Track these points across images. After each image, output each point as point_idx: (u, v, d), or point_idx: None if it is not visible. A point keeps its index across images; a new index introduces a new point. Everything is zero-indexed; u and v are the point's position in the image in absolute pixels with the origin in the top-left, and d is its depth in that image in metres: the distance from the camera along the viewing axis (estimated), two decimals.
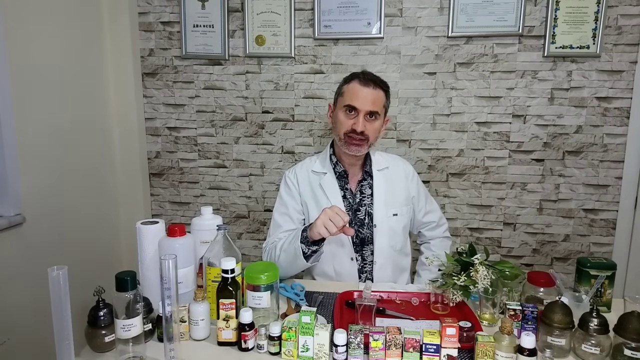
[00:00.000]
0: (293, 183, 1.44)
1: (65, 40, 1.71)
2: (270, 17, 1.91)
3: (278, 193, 1.47)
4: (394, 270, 1.44)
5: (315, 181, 1.42)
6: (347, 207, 1.40)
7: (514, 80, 1.84)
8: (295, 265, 1.26)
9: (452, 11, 1.80)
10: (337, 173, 1.42)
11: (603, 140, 1.83)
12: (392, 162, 1.49)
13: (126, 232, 2.06)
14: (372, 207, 1.41)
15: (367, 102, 1.31)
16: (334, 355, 0.89)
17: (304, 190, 1.43)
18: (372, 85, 1.32)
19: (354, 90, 1.32)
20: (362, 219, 1.41)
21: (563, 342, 0.92)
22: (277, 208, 1.45)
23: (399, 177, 1.47)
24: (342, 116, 1.34)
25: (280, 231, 1.40)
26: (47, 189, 1.62)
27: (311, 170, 1.44)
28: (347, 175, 1.43)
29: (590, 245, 1.91)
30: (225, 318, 0.95)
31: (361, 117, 1.31)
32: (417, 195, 1.49)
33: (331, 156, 1.44)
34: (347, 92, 1.34)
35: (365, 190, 1.42)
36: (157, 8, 1.98)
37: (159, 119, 2.06)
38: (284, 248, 1.28)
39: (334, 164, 1.43)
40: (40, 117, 1.58)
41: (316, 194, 1.41)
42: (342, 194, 1.41)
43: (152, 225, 1.07)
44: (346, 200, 1.41)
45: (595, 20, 1.75)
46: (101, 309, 0.92)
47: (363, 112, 1.31)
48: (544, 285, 1.09)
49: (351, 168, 1.43)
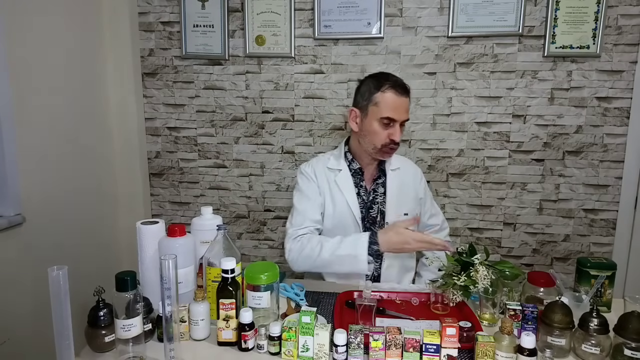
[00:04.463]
0: (311, 176, 1.44)
1: (66, 40, 1.71)
2: (270, 17, 1.90)
3: (296, 187, 1.47)
4: (400, 270, 1.45)
5: (331, 177, 1.43)
6: (361, 204, 1.41)
7: (514, 80, 1.84)
8: (345, 269, 1.28)
9: (452, 11, 1.80)
10: (352, 170, 1.43)
11: (603, 140, 1.83)
12: (403, 163, 1.52)
13: (126, 232, 2.06)
14: (384, 205, 1.42)
15: (403, 113, 1.34)
16: (334, 355, 0.89)
17: (322, 183, 1.44)
18: (406, 94, 1.34)
19: (392, 102, 1.32)
20: (374, 217, 1.42)
21: (563, 342, 0.92)
22: (297, 199, 1.44)
23: (410, 178, 1.49)
24: (377, 127, 1.34)
25: (307, 220, 1.39)
26: (47, 189, 1.62)
27: (326, 167, 1.45)
28: (362, 173, 1.44)
29: (590, 245, 1.91)
30: (225, 318, 0.95)
31: (397, 127, 1.33)
32: (424, 198, 1.52)
33: (346, 153, 1.45)
34: (383, 103, 1.32)
35: (378, 189, 1.44)
36: (157, 8, 1.97)
37: (159, 119, 2.06)
38: (338, 253, 1.27)
39: (349, 161, 1.44)
40: (40, 117, 1.58)
41: (332, 189, 1.42)
42: (356, 191, 1.42)
43: (152, 225, 1.07)
44: (360, 197, 1.42)
45: (595, 20, 1.75)
46: (101, 309, 0.92)
47: (399, 122, 1.33)
48: (544, 285, 1.09)
49: (368, 166, 1.45)
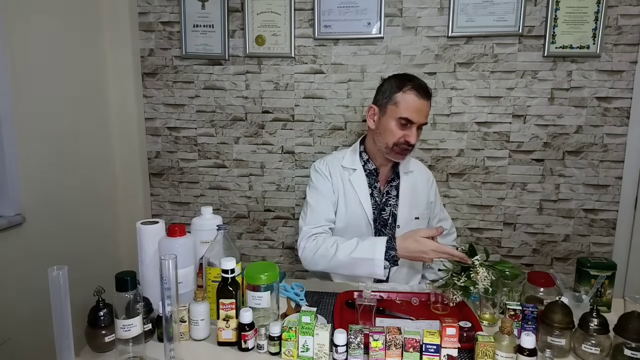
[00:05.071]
0: (326, 173, 1.43)
1: (65, 40, 1.70)
2: (270, 17, 1.90)
3: (309, 184, 1.46)
4: (408, 272, 1.45)
5: (345, 176, 1.42)
6: (374, 205, 1.40)
7: (514, 80, 1.84)
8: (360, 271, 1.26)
9: (452, 11, 1.80)
10: (367, 170, 1.42)
11: (603, 140, 1.83)
12: (416, 166, 1.51)
13: (126, 232, 2.06)
14: (396, 208, 1.41)
15: (423, 116, 1.31)
16: (334, 355, 0.89)
17: (336, 182, 1.42)
18: (427, 97, 1.31)
19: (412, 103, 1.29)
20: (385, 219, 1.41)
21: (563, 342, 0.92)
22: (311, 196, 1.42)
23: (422, 181, 1.49)
24: (394, 126, 1.32)
25: (322, 219, 1.38)
26: (47, 189, 1.62)
27: (341, 165, 1.44)
28: (377, 174, 1.43)
29: (590, 245, 1.91)
30: (225, 318, 0.95)
31: (414, 129, 1.31)
32: (435, 202, 1.52)
33: (361, 153, 1.44)
34: (403, 103, 1.30)
35: (391, 191, 1.43)
36: (157, 8, 1.97)
37: (159, 119, 2.06)
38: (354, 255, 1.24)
39: (365, 161, 1.43)
40: (40, 117, 1.58)
41: (346, 188, 1.41)
42: (370, 191, 1.41)
43: (152, 225, 1.07)
44: (373, 198, 1.41)
45: (595, 20, 1.75)
46: (101, 309, 0.92)
47: (417, 125, 1.31)
48: (544, 285, 1.09)
49: (383, 167, 1.44)
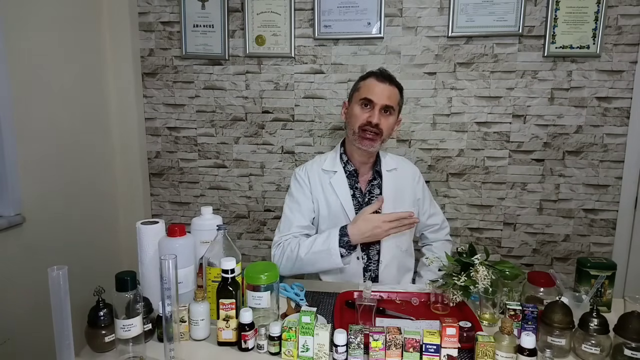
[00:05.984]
0: (304, 180, 1.45)
1: (65, 40, 1.71)
2: (270, 17, 1.90)
3: (288, 190, 1.48)
4: (398, 270, 1.44)
5: (326, 179, 1.43)
6: (356, 206, 1.41)
7: (514, 80, 1.84)
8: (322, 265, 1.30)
9: (452, 11, 1.80)
10: (348, 172, 1.43)
11: (603, 140, 1.83)
12: (400, 163, 1.51)
13: (126, 232, 2.06)
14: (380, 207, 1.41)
15: (383, 96, 1.34)
16: (334, 355, 0.89)
17: (315, 187, 1.43)
18: (389, 81, 1.36)
19: (371, 85, 1.36)
20: None
21: (563, 342, 0.92)
22: (287, 204, 1.46)
23: (407, 179, 1.49)
24: (357, 110, 1.37)
25: (292, 227, 1.40)
26: (47, 189, 1.62)
27: (321, 169, 1.45)
28: (357, 175, 1.44)
29: (590, 245, 1.91)
30: (225, 318, 0.95)
31: (377, 111, 1.34)
32: (422, 198, 1.51)
33: (342, 155, 1.46)
34: (363, 87, 1.37)
35: (374, 190, 1.43)
36: (157, 8, 1.97)
37: (159, 119, 2.06)
38: (313, 250, 1.30)
39: (345, 162, 1.44)
40: (40, 117, 1.58)
41: (326, 192, 1.42)
42: (351, 192, 1.41)
43: (152, 225, 1.07)
44: (355, 199, 1.42)
45: (595, 20, 1.75)
46: (101, 309, 0.92)
47: (379, 106, 1.34)
48: (544, 285, 1.09)
49: (362, 167, 1.44)
